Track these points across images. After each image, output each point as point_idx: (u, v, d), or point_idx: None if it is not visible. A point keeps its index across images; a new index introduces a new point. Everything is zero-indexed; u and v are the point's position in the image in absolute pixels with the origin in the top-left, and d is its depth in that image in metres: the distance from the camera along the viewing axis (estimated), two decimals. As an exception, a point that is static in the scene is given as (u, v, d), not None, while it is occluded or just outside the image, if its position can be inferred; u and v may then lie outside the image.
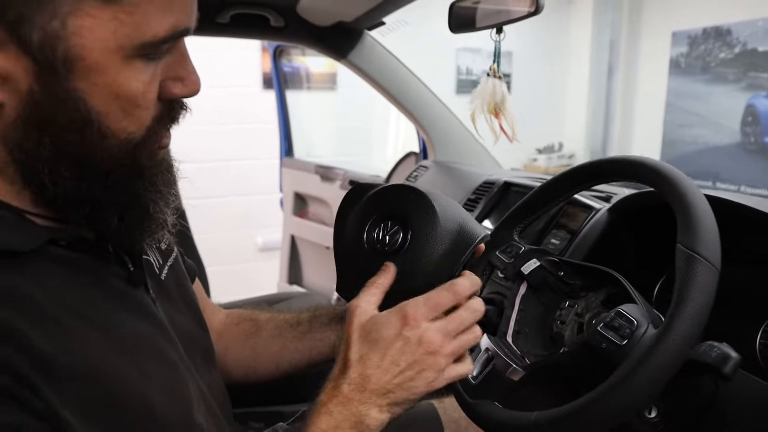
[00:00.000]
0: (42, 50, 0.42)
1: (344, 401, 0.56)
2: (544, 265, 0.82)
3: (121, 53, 0.45)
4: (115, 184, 0.49)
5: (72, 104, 0.44)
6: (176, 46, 0.50)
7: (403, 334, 0.57)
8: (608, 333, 0.62)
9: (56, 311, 0.45)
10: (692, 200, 0.62)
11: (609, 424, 0.58)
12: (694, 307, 0.55)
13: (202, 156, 3.40)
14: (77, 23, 0.42)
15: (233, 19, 1.58)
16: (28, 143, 0.45)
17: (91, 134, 0.46)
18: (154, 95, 0.50)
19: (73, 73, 0.44)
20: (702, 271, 0.57)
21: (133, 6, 0.43)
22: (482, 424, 0.69)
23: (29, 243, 0.46)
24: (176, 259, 0.70)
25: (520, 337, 0.80)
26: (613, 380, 0.56)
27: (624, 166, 0.74)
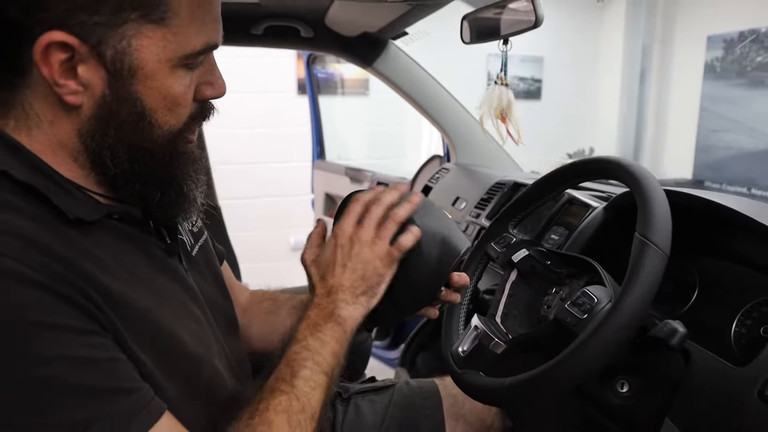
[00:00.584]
0: (113, 63, 0.55)
1: (316, 307, 0.70)
2: (533, 254, 0.91)
3: (169, 64, 0.58)
4: (158, 166, 0.61)
5: (132, 103, 0.57)
6: (207, 58, 0.63)
7: (338, 243, 0.72)
8: (573, 309, 0.71)
9: (114, 267, 0.57)
10: (651, 196, 0.70)
11: (569, 386, 0.67)
12: (642, 284, 0.64)
13: (238, 158, 3.56)
14: (138, 42, 0.55)
15: (267, 31, 1.71)
16: (97, 134, 0.58)
17: (143, 126, 0.59)
18: (191, 96, 0.62)
19: (135, 79, 0.56)
20: (651, 255, 0.65)
21: (177, 28, 0.57)
22: (466, 389, 0.79)
23: (94, 214, 0.58)
24: (206, 241, 0.82)
25: (509, 318, 0.89)
26: (572, 348, 0.65)
27: (603, 165, 0.83)
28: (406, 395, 1.01)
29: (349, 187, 2.58)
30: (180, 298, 0.66)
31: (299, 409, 0.61)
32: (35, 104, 0.57)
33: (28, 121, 0.57)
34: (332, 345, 0.67)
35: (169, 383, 0.59)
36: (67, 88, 0.55)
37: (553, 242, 1.18)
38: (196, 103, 0.64)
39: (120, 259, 0.58)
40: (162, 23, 0.55)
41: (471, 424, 1.01)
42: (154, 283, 0.62)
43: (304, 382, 0.63)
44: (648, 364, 0.80)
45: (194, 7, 0.57)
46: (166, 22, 0.55)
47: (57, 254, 0.51)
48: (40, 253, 0.50)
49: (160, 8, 0.55)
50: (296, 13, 1.67)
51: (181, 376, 0.61)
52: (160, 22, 0.55)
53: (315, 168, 2.86)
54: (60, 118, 0.57)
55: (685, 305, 1.03)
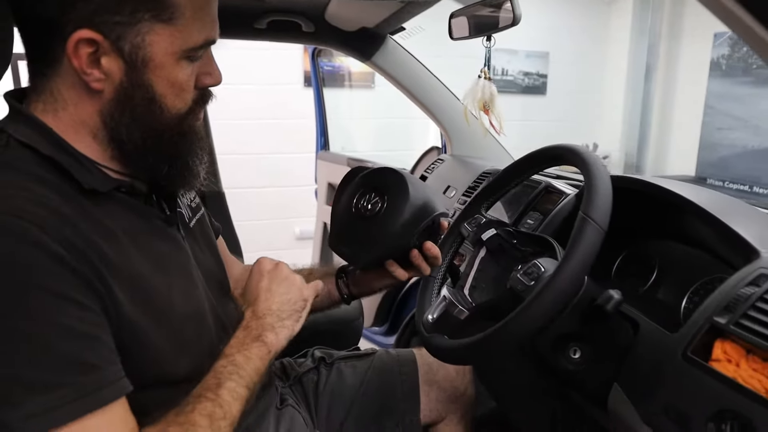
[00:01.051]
0: (130, 56, 0.65)
1: (244, 329, 0.80)
2: (501, 233, 1.00)
3: (175, 56, 0.68)
4: (167, 142, 0.71)
5: (145, 89, 0.67)
6: (206, 51, 0.73)
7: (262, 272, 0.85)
8: (523, 278, 0.80)
9: (118, 234, 0.66)
10: (596, 179, 0.79)
11: (515, 343, 0.75)
12: (580, 254, 0.72)
13: (245, 148, 3.66)
14: (150, 38, 0.65)
15: (270, 26, 1.79)
16: (116, 114, 0.67)
17: (154, 108, 0.69)
18: (193, 84, 0.72)
19: (147, 68, 0.66)
20: (589, 230, 0.73)
21: (182, 27, 0.67)
22: (431, 350, 0.88)
23: (105, 186, 0.68)
24: (203, 216, 0.92)
25: (476, 290, 0.98)
26: (517, 310, 0.74)
27: (560, 152, 0.91)
28: (385, 362, 1.10)
29: (351, 177, 2.66)
30: (176, 261, 0.76)
31: (221, 416, 0.69)
32: (63, 90, 0.67)
33: (55, 104, 0.67)
34: (256, 362, 0.76)
35: (160, 338, 0.68)
36: (93, 76, 0.65)
37: (528, 226, 1.26)
38: (197, 90, 0.73)
39: (124, 227, 0.68)
40: (170, 22, 0.65)
41: (444, 390, 1.10)
42: (153, 248, 0.72)
43: (228, 393, 0.71)
44: (597, 333, 0.88)
45: (196, 9, 0.67)
46: (174, 22, 0.66)
47: (73, 224, 0.61)
48: (60, 223, 0.59)
49: (169, 10, 0.65)
50: (297, 9, 1.75)
51: (170, 331, 0.70)
52: (168, 22, 0.65)
53: (318, 159, 2.94)
54: (84, 101, 0.67)
55: (645, 285, 1.11)
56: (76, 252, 0.59)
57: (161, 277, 0.70)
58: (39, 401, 0.55)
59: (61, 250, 0.58)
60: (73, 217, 0.61)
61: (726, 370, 0.71)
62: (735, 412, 0.66)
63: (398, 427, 1.04)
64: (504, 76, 4.50)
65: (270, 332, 0.79)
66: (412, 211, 0.89)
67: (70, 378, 0.57)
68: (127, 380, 0.63)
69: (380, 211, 0.90)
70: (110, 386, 0.60)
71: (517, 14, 1.15)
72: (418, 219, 0.89)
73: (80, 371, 0.58)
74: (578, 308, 0.84)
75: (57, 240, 0.58)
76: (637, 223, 1.15)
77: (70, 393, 0.57)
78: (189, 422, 0.66)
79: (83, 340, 0.59)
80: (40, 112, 0.67)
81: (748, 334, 0.70)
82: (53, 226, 0.58)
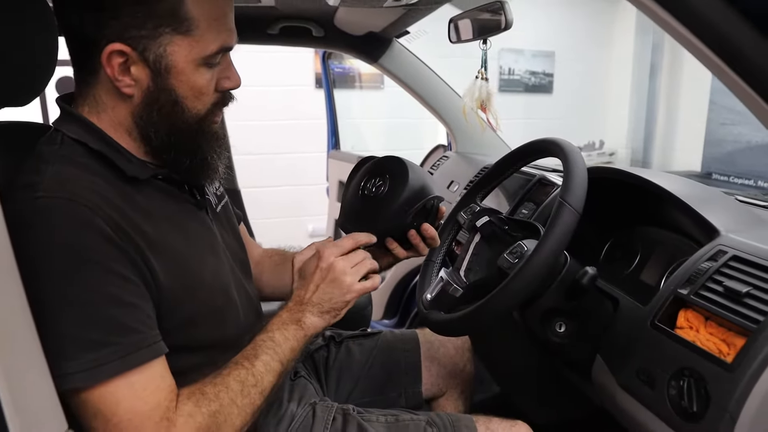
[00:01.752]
0: (154, 64, 0.75)
1: (289, 309, 0.88)
2: (494, 220, 1.09)
3: (194, 63, 0.77)
4: (188, 140, 0.81)
5: (168, 93, 0.77)
6: (225, 57, 0.83)
7: (319, 266, 0.90)
8: (509, 257, 0.90)
9: (156, 215, 0.77)
10: (573, 168, 0.88)
11: (501, 314, 0.85)
12: (556, 234, 0.82)
13: (259, 148, 3.78)
14: (171, 48, 0.75)
15: (282, 31, 1.90)
16: (145, 115, 0.78)
17: (177, 110, 0.78)
18: (213, 88, 0.82)
19: (169, 75, 0.76)
20: (565, 212, 0.83)
21: (199, 37, 0.76)
22: (429, 325, 0.97)
23: (144, 174, 0.78)
24: (227, 203, 1.02)
25: (471, 272, 1.07)
26: (502, 284, 0.84)
27: (545, 145, 1.01)
28: (390, 340, 1.20)
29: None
30: (205, 240, 0.86)
31: (252, 383, 0.79)
32: (102, 95, 0.77)
33: (97, 108, 0.78)
34: (292, 342, 0.86)
35: (192, 305, 0.79)
36: (124, 82, 0.75)
37: (523, 216, 1.36)
38: (218, 93, 0.83)
39: (161, 209, 0.79)
40: (188, 34, 0.75)
41: (444, 366, 1.19)
42: (186, 228, 0.83)
43: (262, 365, 0.81)
44: (580, 309, 0.97)
45: (210, 21, 0.77)
46: (191, 33, 0.75)
47: (119, 207, 0.72)
48: (108, 207, 0.70)
49: (186, 23, 0.75)
50: (308, 15, 1.85)
51: (201, 300, 0.81)
52: (186, 33, 0.75)
53: (329, 157, 3.05)
54: (119, 104, 0.78)
55: (630, 268, 1.21)
56: (121, 232, 0.70)
57: (193, 252, 0.81)
58: (90, 357, 0.66)
59: (109, 230, 0.69)
60: (118, 201, 0.72)
61: (687, 336, 0.80)
62: (692, 369, 0.75)
63: (401, 397, 1.14)
64: (511, 75, 4.58)
65: (308, 319, 0.87)
66: (410, 193, 0.99)
67: (115, 338, 0.68)
68: (163, 344, 0.73)
69: (382, 192, 1.01)
70: (148, 347, 0.71)
71: (509, 19, 1.24)
72: (414, 199, 1.00)
73: (123, 333, 0.69)
74: (563, 285, 0.94)
75: (105, 221, 0.69)
76: (623, 212, 1.24)
77: (115, 351, 0.68)
78: (223, 384, 0.76)
79: (126, 308, 0.70)
80: (86, 114, 0.78)
81: (706, 303, 0.80)
82: (103, 210, 0.69)
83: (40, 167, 0.72)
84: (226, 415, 0.75)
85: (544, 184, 1.38)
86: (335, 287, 0.88)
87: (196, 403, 0.73)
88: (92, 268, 0.68)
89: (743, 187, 4.23)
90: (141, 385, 0.70)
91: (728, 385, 0.70)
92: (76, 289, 0.67)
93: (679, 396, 0.76)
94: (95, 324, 0.67)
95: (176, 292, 0.76)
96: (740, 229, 0.90)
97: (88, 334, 0.67)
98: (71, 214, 0.67)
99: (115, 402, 0.68)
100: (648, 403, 0.82)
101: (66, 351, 0.66)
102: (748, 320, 0.73)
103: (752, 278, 0.78)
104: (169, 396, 0.72)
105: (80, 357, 0.66)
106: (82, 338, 0.67)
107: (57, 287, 0.66)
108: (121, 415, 0.68)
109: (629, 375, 0.88)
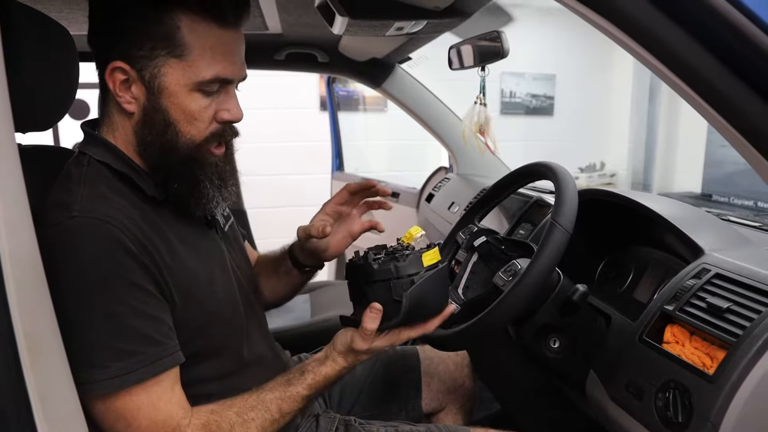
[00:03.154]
0: (149, 83, 0.79)
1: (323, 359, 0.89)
2: (490, 240, 1.14)
3: (187, 87, 0.80)
4: (179, 163, 0.83)
5: (162, 113, 0.81)
6: (227, 89, 0.84)
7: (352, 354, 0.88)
8: (504, 275, 0.94)
9: (171, 234, 0.82)
10: (564, 190, 0.93)
11: (495, 329, 0.89)
12: (547, 253, 0.86)
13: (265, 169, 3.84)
14: (165, 70, 0.79)
15: (288, 57, 1.98)
16: (142, 133, 0.82)
17: (171, 131, 0.81)
18: (209, 116, 0.83)
19: (162, 95, 0.80)
20: (556, 233, 0.87)
21: (191, 62, 0.79)
22: (428, 340, 1.01)
23: (162, 195, 0.83)
24: (233, 223, 1.07)
25: (469, 290, 1.12)
26: (496, 301, 0.88)
27: (538, 168, 1.06)
28: (391, 356, 1.24)
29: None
30: (216, 258, 0.92)
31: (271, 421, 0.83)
32: (114, 113, 0.83)
33: (112, 126, 0.84)
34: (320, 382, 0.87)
35: (201, 317, 0.84)
36: (125, 98, 0.80)
37: (520, 236, 1.40)
38: (216, 123, 0.85)
39: (175, 228, 0.84)
40: (182, 58, 0.79)
41: (443, 382, 1.23)
42: (198, 246, 0.88)
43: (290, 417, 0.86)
44: (574, 325, 1.01)
45: (205, 49, 0.79)
46: (185, 58, 0.79)
47: (140, 227, 0.77)
48: (134, 227, 0.75)
49: (180, 48, 0.78)
50: (313, 42, 1.93)
51: (211, 311, 0.86)
52: (180, 57, 0.79)
53: (333, 179, 3.11)
54: (125, 121, 0.83)
55: (623, 287, 1.25)
56: (144, 250, 0.75)
57: (205, 268, 0.87)
58: (118, 366, 0.71)
59: (134, 248, 0.74)
60: (141, 222, 0.78)
61: (673, 350, 0.84)
62: (677, 381, 0.79)
63: (402, 411, 1.18)
64: (512, 98, 4.66)
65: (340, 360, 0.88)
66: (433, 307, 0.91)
67: (141, 348, 0.73)
68: (181, 353, 0.78)
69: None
70: (168, 357, 0.76)
71: (506, 48, 1.30)
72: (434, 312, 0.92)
73: (147, 344, 0.74)
74: (556, 302, 0.98)
75: (131, 240, 0.74)
76: (617, 233, 1.28)
77: (141, 360, 0.73)
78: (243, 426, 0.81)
79: (149, 320, 0.75)
80: (104, 133, 0.84)
81: (690, 318, 0.84)
82: (130, 231, 0.75)
83: (72, 188, 0.78)
84: None
85: (541, 205, 1.43)
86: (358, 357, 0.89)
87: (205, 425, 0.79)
88: (120, 283, 0.73)
89: (743, 208, 4.27)
90: (157, 396, 0.75)
91: (710, 395, 0.74)
92: (106, 302, 0.72)
93: (666, 407, 0.80)
94: (123, 335, 0.73)
95: (190, 306, 0.81)
96: (724, 248, 0.95)
97: (116, 344, 0.72)
98: (103, 233, 0.73)
99: (135, 409, 0.73)
100: (637, 415, 0.86)
101: (95, 360, 0.71)
102: (728, 334, 0.77)
103: (733, 295, 0.82)
104: (180, 411, 0.77)
105: (109, 366, 0.71)
106: (111, 348, 0.72)
107: (89, 300, 0.71)
108: (140, 421, 0.73)
109: (619, 388, 0.91)
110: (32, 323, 0.57)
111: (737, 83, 0.60)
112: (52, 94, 0.89)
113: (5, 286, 0.54)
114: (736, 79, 0.60)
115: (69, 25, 1.03)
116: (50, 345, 0.60)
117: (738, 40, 0.58)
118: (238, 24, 0.82)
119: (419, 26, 1.22)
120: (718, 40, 0.60)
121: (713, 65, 0.61)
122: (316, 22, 1.50)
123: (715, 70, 0.61)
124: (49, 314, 0.60)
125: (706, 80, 0.62)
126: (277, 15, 1.47)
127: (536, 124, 4.72)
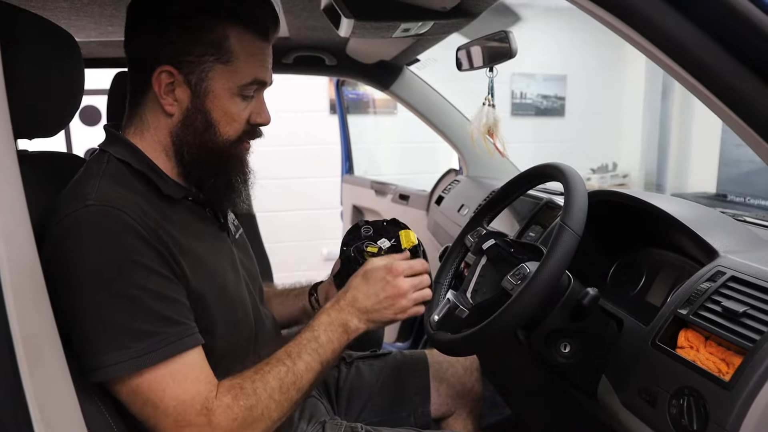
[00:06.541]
0: (195, 86, 0.84)
1: (339, 309, 0.92)
2: (499, 243, 1.12)
3: (230, 91, 0.87)
4: (216, 160, 0.88)
5: (204, 114, 0.86)
6: (259, 94, 0.91)
7: (386, 278, 0.93)
8: (512, 279, 0.92)
9: (185, 228, 0.84)
10: (573, 191, 0.91)
11: (504, 333, 0.87)
12: (556, 256, 0.84)
13: (275, 173, 3.84)
14: (212, 74, 0.84)
15: (296, 60, 1.98)
16: (181, 134, 0.86)
17: (210, 131, 0.87)
18: (244, 118, 0.90)
19: (207, 98, 0.85)
20: (566, 235, 0.85)
21: (236, 68, 0.85)
22: (436, 345, 1.00)
23: (178, 194, 0.86)
24: (242, 233, 1.08)
25: (477, 294, 1.10)
26: (505, 305, 0.86)
27: (548, 170, 1.04)
28: (399, 361, 1.23)
29: (374, 199, 2.81)
30: (227, 257, 0.93)
31: (292, 381, 0.84)
32: (148, 114, 0.86)
33: (142, 127, 0.87)
34: (335, 345, 0.90)
35: (216, 311, 0.85)
36: (167, 101, 0.84)
37: (530, 239, 1.38)
38: (249, 125, 0.91)
39: (191, 226, 0.87)
40: (228, 64, 0.85)
41: (452, 386, 1.21)
42: (212, 245, 0.90)
43: (304, 365, 0.85)
44: (585, 329, 0.99)
45: (248, 56, 0.86)
46: (230, 64, 0.85)
47: (154, 218, 0.78)
48: (145, 216, 0.77)
49: (227, 55, 0.84)
50: (321, 45, 1.92)
51: (223, 308, 0.87)
52: (226, 63, 0.85)
53: (344, 182, 3.10)
54: (161, 123, 0.86)
55: (636, 289, 1.22)
56: (155, 236, 0.77)
57: (218, 264, 0.88)
58: (139, 347, 0.72)
59: (145, 233, 0.76)
60: (154, 214, 0.79)
61: (687, 355, 0.82)
62: (691, 388, 0.77)
63: (411, 416, 1.16)
64: (523, 99, 4.63)
65: (354, 323, 0.91)
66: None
67: (161, 329, 0.74)
68: (200, 335, 0.79)
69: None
70: (189, 337, 0.77)
71: (514, 48, 1.28)
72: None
73: (168, 324, 0.75)
74: (566, 306, 0.96)
75: (142, 226, 0.76)
76: (629, 235, 1.26)
77: (161, 340, 0.74)
78: (262, 380, 0.81)
79: (167, 302, 0.76)
80: (131, 135, 0.87)
81: (705, 323, 0.81)
82: (139, 216, 0.76)
83: (90, 181, 0.80)
84: (263, 409, 0.80)
85: (551, 207, 1.41)
86: (392, 303, 0.93)
87: (234, 397, 0.78)
88: (133, 266, 0.74)
89: (759, 208, 4.20)
90: (182, 375, 0.76)
91: (726, 403, 0.72)
92: (124, 285, 0.73)
93: (680, 414, 0.77)
94: (142, 316, 0.74)
95: (204, 295, 0.83)
96: (739, 250, 0.92)
97: (136, 326, 0.73)
98: (112, 217, 0.74)
99: (161, 390, 0.74)
100: (650, 422, 0.83)
101: (114, 342, 0.72)
102: (745, 339, 0.75)
103: (749, 298, 0.79)
104: (207, 387, 0.78)
105: (130, 346, 0.72)
106: (131, 329, 0.73)
107: (106, 283, 0.72)
108: (167, 402, 0.74)
109: (632, 394, 0.89)
110: (31, 330, 0.56)
111: (753, 80, 0.59)
112: (57, 100, 0.89)
113: (3, 294, 0.53)
114: (752, 76, 0.59)
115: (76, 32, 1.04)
116: (49, 352, 0.59)
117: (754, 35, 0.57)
118: (273, 39, 0.91)
119: (426, 27, 1.21)
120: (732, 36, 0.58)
121: (728, 62, 0.59)
122: (322, 25, 1.49)
123: (730, 68, 0.59)
124: (48, 321, 0.60)
125: (720, 78, 0.60)
126: (284, 18, 1.46)
127: (547, 125, 4.68)
